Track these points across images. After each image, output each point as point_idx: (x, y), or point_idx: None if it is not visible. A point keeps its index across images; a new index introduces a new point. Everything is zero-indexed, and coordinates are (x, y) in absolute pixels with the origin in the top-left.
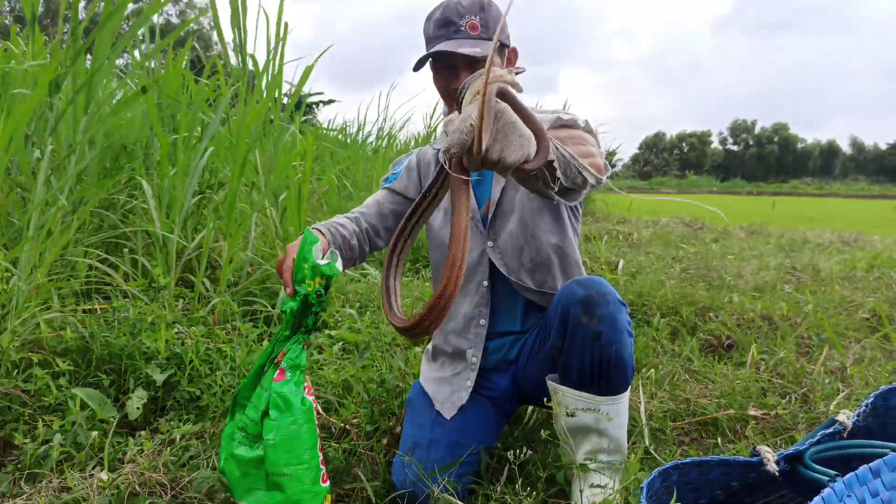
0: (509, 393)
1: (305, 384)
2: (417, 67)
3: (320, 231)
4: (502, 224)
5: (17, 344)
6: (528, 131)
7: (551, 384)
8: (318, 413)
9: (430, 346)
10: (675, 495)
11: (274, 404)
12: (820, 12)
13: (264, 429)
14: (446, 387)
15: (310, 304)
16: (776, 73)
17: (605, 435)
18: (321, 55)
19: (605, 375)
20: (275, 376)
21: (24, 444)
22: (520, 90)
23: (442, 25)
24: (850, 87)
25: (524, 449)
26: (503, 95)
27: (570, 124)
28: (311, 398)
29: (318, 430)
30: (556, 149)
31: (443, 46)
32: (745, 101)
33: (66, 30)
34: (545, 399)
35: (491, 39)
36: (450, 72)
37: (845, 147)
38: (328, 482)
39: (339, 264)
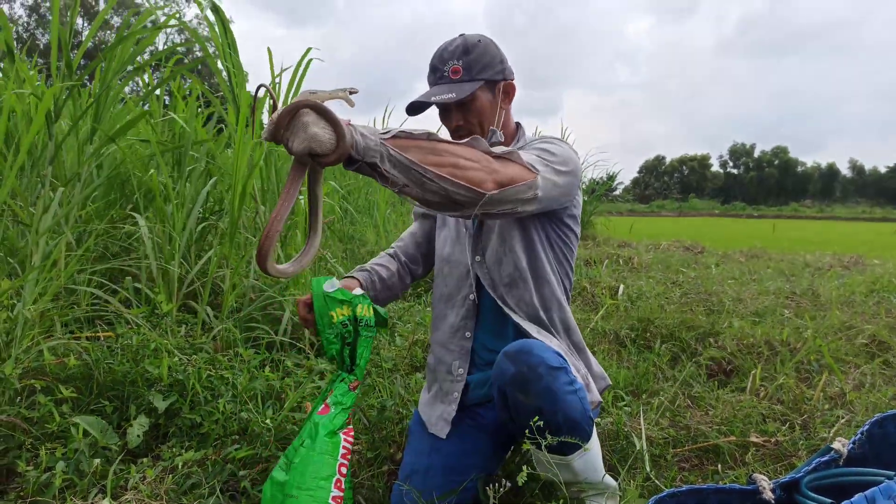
0: (500, 426)
1: (349, 426)
2: (412, 113)
3: (354, 277)
4: (487, 239)
5: (19, 371)
6: (322, 133)
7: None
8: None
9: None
10: None
11: (308, 432)
12: (822, 36)
13: (297, 454)
14: (437, 406)
15: (344, 338)
16: (777, 97)
17: (587, 482)
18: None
19: (560, 440)
20: (320, 409)
21: (26, 471)
22: (351, 105)
23: (431, 72)
24: (850, 110)
25: (504, 482)
26: (313, 107)
27: (472, 144)
28: (345, 438)
29: (338, 470)
30: (389, 154)
31: (420, 96)
32: (746, 125)
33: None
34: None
35: (475, 80)
36: (445, 114)
37: (844, 170)
38: None
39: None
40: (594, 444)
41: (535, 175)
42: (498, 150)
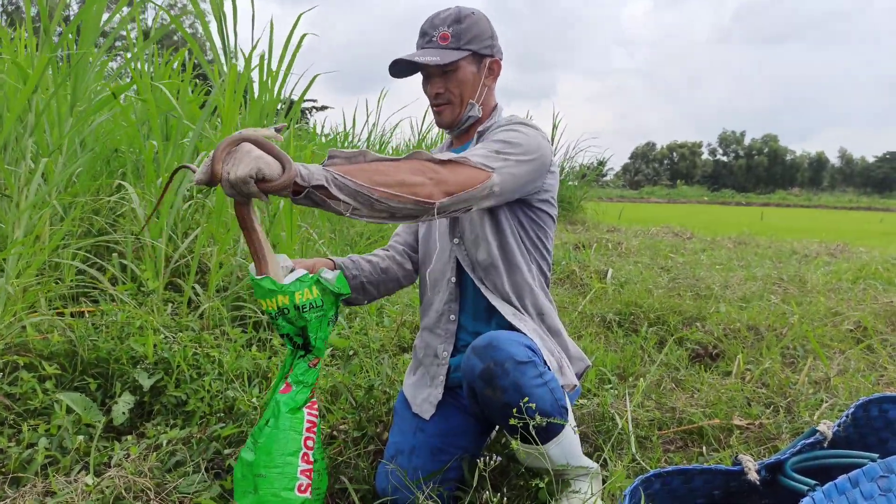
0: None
1: (311, 401)
2: (396, 75)
3: (331, 259)
4: (464, 224)
5: (2, 347)
6: (269, 158)
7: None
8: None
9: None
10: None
11: (272, 411)
12: (819, 25)
13: (262, 433)
14: (423, 388)
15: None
16: (773, 85)
17: (566, 468)
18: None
19: (533, 430)
20: (281, 388)
21: (8, 447)
22: (279, 140)
23: (420, 36)
24: (844, 99)
25: (494, 456)
26: (253, 140)
27: (415, 156)
28: (308, 412)
29: (304, 444)
30: (335, 178)
31: (405, 55)
32: (739, 113)
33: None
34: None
35: (462, 49)
36: (427, 80)
37: (833, 159)
38: (308, 494)
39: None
40: (570, 430)
41: (490, 174)
42: (445, 155)
